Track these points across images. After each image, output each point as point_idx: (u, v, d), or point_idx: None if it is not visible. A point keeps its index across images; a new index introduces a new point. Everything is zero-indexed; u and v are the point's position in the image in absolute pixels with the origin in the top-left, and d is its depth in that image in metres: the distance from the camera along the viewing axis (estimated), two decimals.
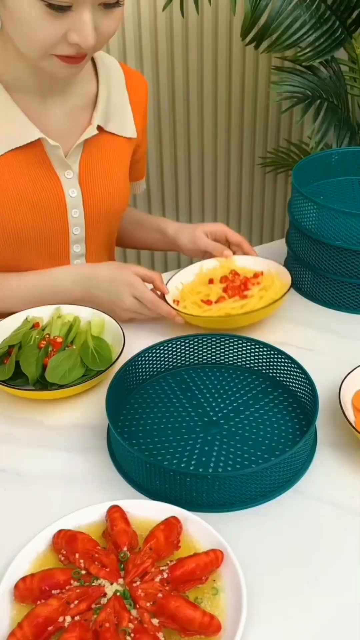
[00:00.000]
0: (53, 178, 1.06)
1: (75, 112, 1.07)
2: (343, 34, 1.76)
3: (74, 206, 1.09)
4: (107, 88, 1.10)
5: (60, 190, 1.07)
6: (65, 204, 1.08)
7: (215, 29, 2.05)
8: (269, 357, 0.96)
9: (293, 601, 0.70)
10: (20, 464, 0.86)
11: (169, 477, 0.78)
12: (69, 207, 1.08)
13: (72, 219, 1.10)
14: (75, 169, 1.07)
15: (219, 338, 0.98)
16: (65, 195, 1.07)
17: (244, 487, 0.78)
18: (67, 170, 1.06)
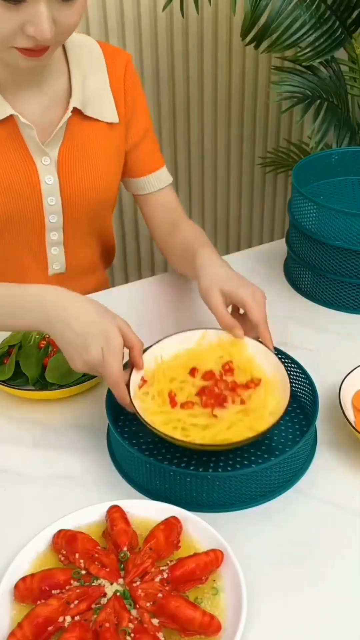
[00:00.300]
0: (28, 163, 1.05)
1: (51, 104, 1.06)
2: (343, 34, 1.76)
3: (50, 193, 1.08)
4: (82, 71, 1.07)
5: (35, 176, 1.06)
6: (40, 190, 1.07)
7: (215, 29, 2.05)
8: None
9: (293, 601, 0.70)
10: (20, 464, 0.86)
11: (169, 477, 0.78)
12: (45, 194, 1.07)
13: (48, 207, 1.09)
14: (53, 156, 1.06)
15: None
16: (40, 181, 1.06)
17: (244, 487, 0.78)
18: (44, 157, 1.05)
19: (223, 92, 2.18)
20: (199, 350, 0.92)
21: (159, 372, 0.87)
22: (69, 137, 1.07)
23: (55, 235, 1.13)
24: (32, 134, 1.02)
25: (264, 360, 0.89)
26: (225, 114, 2.23)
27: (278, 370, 0.87)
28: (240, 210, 2.47)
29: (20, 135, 1.03)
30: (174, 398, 0.84)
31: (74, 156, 1.08)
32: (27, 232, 1.10)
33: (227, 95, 2.19)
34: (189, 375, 0.87)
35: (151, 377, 0.87)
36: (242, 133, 2.30)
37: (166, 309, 1.16)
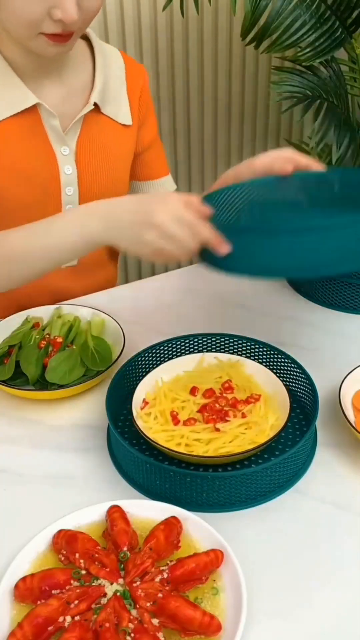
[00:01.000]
0: (49, 153, 1.07)
1: (71, 95, 1.09)
2: (343, 34, 1.76)
3: (68, 183, 1.10)
4: (105, 74, 1.12)
5: (55, 165, 1.08)
6: (59, 180, 1.09)
7: (215, 29, 2.05)
8: (269, 357, 0.96)
9: (293, 601, 0.70)
10: (20, 464, 0.86)
11: (169, 477, 0.78)
12: (63, 184, 1.09)
13: (66, 197, 1.11)
14: (72, 146, 1.09)
15: (219, 338, 0.98)
16: (60, 171, 1.08)
17: (244, 487, 0.78)
18: (63, 147, 1.08)
19: (223, 92, 2.18)
20: (198, 372, 0.95)
21: (160, 393, 0.89)
22: (85, 130, 1.10)
23: None
24: (54, 123, 1.05)
25: (263, 379, 0.91)
26: (225, 114, 2.23)
27: (277, 387, 0.89)
28: None
29: (42, 124, 1.05)
30: (176, 416, 0.86)
31: (91, 148, 1.11)
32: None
33: (227, 95, 2.19)
34: (189, 394, 0.90)
35: (152, 399, 0.89)
36: (242, 133, 2.30)
37: (166, 309, 1.16)
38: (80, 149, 1.10)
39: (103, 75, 1.11)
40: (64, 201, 1.11)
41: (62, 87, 1.08)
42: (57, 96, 1.08)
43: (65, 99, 1.09)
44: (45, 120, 1.05)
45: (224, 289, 1.19)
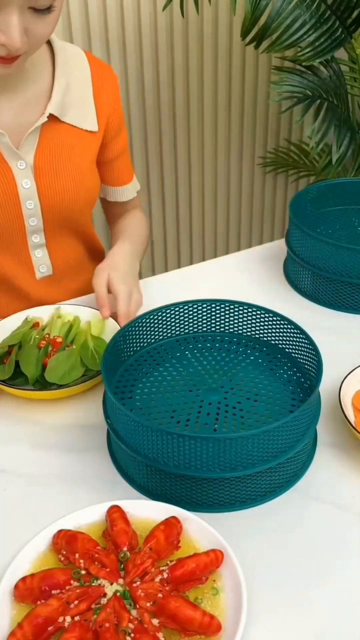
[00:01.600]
0: (4, 168, 1.05)
1: (28, 105, 1.06)
2: (343, 34, 1.76)
3: (28, 197, 1.08)
4: (66, 79, 1.08)
5: (12, 180, 1.06)
6: (18, 195, 1.07)
7: (215, 29, 2.05)
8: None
9: (293, 601, 0.70)
10: (20, 464, 0.86)
11: (168, 477, 0.78)
12: (23, 198, 1.07)
13: (27, 210, 1.09)
14: (28, 160, 1.06)
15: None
16: (17, 185, 1.06)
17: (244, 487, 0.78)
18: (19, 161, 1.05)
19: (223, 92, 2.18)
20: None
21: None
22: (44, 141, 1.07)
23: (37, 238, 1.13)
24: (3, 140, 1.02)
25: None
26: (225, 114, 2.23)
27: None
28: (240, 210, 2.48)
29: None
30: None
31: (50, 159, 1.08)
32: (9, 237, 1.10)
33: (227, 95, 2.19)
34: None
35: None
36: (242, 133, 2.30)
37: None
38: (39, 161, 1.07)
39: (64, 81, 1.07)
40: (25, 214, 1.09)
41: (18, 98, 1.05)
42: (11, 109, 1.04)
43: (21, 111, 1.05)
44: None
45: (223, 289, 1.19)
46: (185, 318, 0.98)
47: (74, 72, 1.10)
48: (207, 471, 0.75)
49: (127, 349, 0.94)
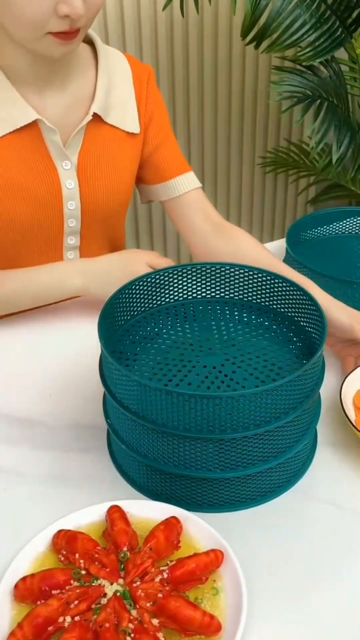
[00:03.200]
0: (50, 168, 1.06)
1: (73, 104, 1.07)
2: (343, 34, 1.76)
3: (70, 198, 1.08)
4: (108, 80, 1.09)
5: (57, 180, 1.06)
6: (62, 195, 1.08)
7: (215, 29, 2.05)
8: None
9: (293, 601, 0.70)
10: (20, 464, 0.86)
11: (168, 477, 0.78)
12: (65, 199, 1.08)
13: (68, 211, 1.10)
14: (73, 160, 1.07)
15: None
16: (61, 186, 1.07)
17: (244, 488, 0.78)
18: (65, 161, 1.06)
19: (223, 92, 2.18)
20: None
21: None
22: (87, 142, 1.08)
23: (72, 240, 1.14)
24: (55, 139, 1.04)
25: None
26: (226, 114, 2.23)
27: None
28: (240, 210, 2.48)
29: (42, 139, 1.04)
30: None
31: (93, 161, 1.09)
32: (47, 237, 1.11)
33: (227, 95, 2.19)
34: None
35: None
36: (242, 133, 2.30)
37: None
38: (83, 161, 1.08)
39: (107, 82, 1.09)
40: (65, 215, 1.10)
41: (65, 97, 1.06)
42: (59, 107, 1.06)
43: (68, 109, 1.07)
44: (45, 135, 1.04)
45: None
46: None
47: (116, 73, 1.11)
48: (207, 471, 0.75)
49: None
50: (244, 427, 0.72)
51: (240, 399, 0.70)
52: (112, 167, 1.11)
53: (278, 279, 0.89)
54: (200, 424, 0.71)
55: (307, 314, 0.87)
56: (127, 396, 0.75)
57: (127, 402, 0.75)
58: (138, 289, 0.89)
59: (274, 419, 0.73)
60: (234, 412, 0.71)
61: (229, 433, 0.72)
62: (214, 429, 0.72)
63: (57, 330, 1.10)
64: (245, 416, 0.71)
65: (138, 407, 0.74)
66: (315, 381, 0.78)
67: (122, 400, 0.76)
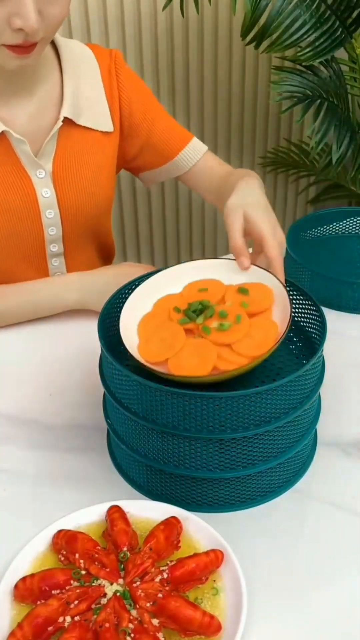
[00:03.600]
0: (24, 178, 1.03)
1: (42, 111, 1.04)
2: (343, 34, 1.76)
3: (48, 206, 1.06)
4: (76, 80, 1.05)
5: (32, 190, 1.04)
6: (38, 205, 1.05)
7: (215, 29, 2.05)
8: None
9: (293, 601, 0.70)
10: (20, 464, 0.86)
11: (168, 477, 0.78)
12: (43, 208, 1.06)
13: (47, 219, 1.07)
14: (47, 168, 1.04)
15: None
16: (37, 195, 1.05)
17: (244, 488, 0.78)
18: (38, 170, 1.03)
19: (223, 92, 2.18)
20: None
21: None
22: (61, 147, 1.05)
23: (55, 247, 1.12)
24: (25, 149, 1.01)
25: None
26: (226, 114, 2.23)
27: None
28: None
29: (13, 149, 1.01)
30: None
31: (68, 166, 1.06)
32: (28, 247, 1.09)
33: (227, 95, 2.19)
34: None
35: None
36: (242, 133, 2.30)
37: None
38: (58, 168, 1.05)
39: (74, 83, 1.05)
40: (45, 224, 1.07)
41: (32, 104, 1.03)
42: (26, 115, 1.03)
43: (37, 116, 1.03)
44: (15, 145, 1.00)
45: None
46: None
47: (83, 70, 1.07)
48: (207, 471, 0.75)
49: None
50: (244, 427, 0.72)
51: (240, 399, 0.70)
52: (88, 170, 1.08)
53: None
54: (200, 424, 0.71)
55: (307, 314, 0.87)
56: (127, 396, 0.75)
57: (127, 402, 0.75)
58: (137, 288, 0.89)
59: (274, 419, 0.73)
60: (234, 412, 0.70)
61: (229, 433, 0.72)
62: (214, 429, 0.71)
63: (57, 330, 1.10)
64: (245, 416, 0.71)
65: (138, 407, 0.74)
66: (315, 381, 0.78)
67: (122, 400, 0.76)
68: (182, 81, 2.11)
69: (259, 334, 0.79)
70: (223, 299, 0.86)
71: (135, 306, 0.84)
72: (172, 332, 0.81)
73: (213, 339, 0.80)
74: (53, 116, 1.05)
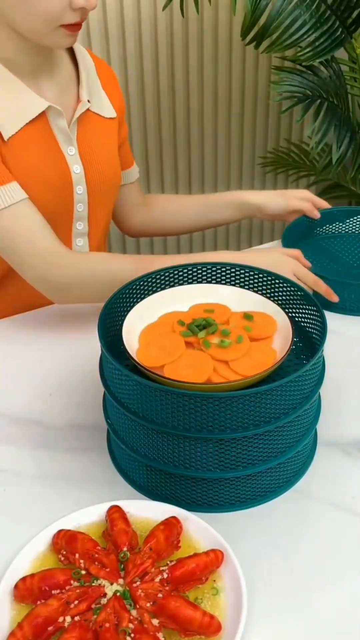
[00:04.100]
0: (59, 155, 1.08)
1: (64, 90, 1.10)
2: (343, 34, 1.76)
3: (78, 182, 1.11)
4: (85, 70, 1.12)
5: (66, 166, 1.09)
6: (72, 180, 1.10)
7: (215, 29, 2.05)
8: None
9: (293, 601, 0.70)
10: (20, 464, 0.86)
11: (168, 477, 0.78)
12: (75, 184, 1.10)
13: (77, 196, 1.12)
14: (75, 145, 1.10)
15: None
16: (70, 171, 1.09)
17: (244, 488, 0.78)
18: (69, 147, 1.09)
19: (223, 92, 2.18)
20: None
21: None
22: (81, 127, 1.11)
23: (80, 226, 1.16)
24: (61, 124, 1.06)
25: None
26: (226, 114, 2.23)
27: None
28: None
29: (50, 127, 1.06)
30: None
31: (90, 145, 1.12)
32: (59, 224, 1.12)
33: (227, 95, 2.19)
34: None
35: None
36: (242, 133, 2.30)
37: None
38: (82, 146, 1.11)
39: (85, 72, 1.12)
40: (75, 200, 1.12)
41: (54, 82, 1.08)
42: (54, 92, 1.08)
43: (61, 94, 1.09)
44: (52, 122, 1.06)
45: None
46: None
47: (86, 64, 1.14)
48: (207, 471, 0.75)
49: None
50: (244, 427, 0.72)
51: (240, 399, 0.70)
52: (104, 152, 1.14)
53: (278, 279, 0.89)
54: (200, 424, 0.71)
55: (307, 314, 0.87)
56: (127, 396, 0.75)
57: (127, 402, 0.75)
58: (137, 288, 0.90)
59: (274, 419, 0.73)
60: (234, 412, 0.70)
61: (229, 433, 0.72)
62: (214, 429, 0.71)
63: (58, 330, 1.10)
64: (245, 416, 0.71)
65: (138, 407, 0.74)
66: (316, 381, 0.78)
67: (122, 400, 0.76)
68: (182, 81, 2.11)
69: (258, 356, 0.80)
70: (227, 321, 0.86)
71: (141, 314, 0.85)
72: (173, 341, 0.81)
73: (212, 353, 0.80)
74: (73, 98, 1.11)
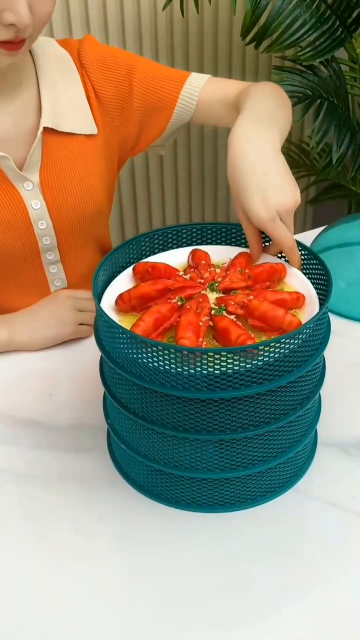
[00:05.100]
0: (11, 192, 1.01)
1: (24, 119, 1.02)
2: (343, 34, 1.76)
3: (39, 218, 1.04)
4: (53, 87, 1.03)
5: (21, 203, 1.02)
6: (29, 217, 1.03)
7: (215, 29, 2.05)
8: None
9: (293, 601, 0.70)
10: (20, 464, 0.86)
11: (168, 478, 0.78)
12: (34, 220, 1.04)
13: (40, 230, 1.05)
14: (34, 180, 1.02)
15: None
16: (27, 208, 1.03)
17: (244, 488, 0.77)
18: (25, 182, 1.01)
19: None
20: None
21: None
22: (46, 156, 1.03)
23: (51, 255, 1.10)
24: (8, 164, 0.99)
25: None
26: None
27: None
28: None
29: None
30: None
31: (56, 175, 1.04)
32: (24, 258, 1.08)
33: None
34: None
35: None
36: None
37: None
38: (45, 178, 1.03)
39: (50, 91, 1.02)
40: (38, 235, 1.05)
41: (12, 111, 1.01)
42: (8, 121, 1.01)
43: (18, 124, 1.01)
44: (0, 162, 0.99)
45: None
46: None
47: (59, 76, 1.04)
48: (207, 471, 0.75)
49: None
50: (243, 427, 0.72)
51: (240, 399, 0.70)
52: (78, 175, 1.06)
53: None
54: (200, 424, 0.71)
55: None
56: (127, 396, 0.75)
57: (127, 402, 0.76)
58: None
59: (274, 420, 0.73)
60: (234, 412, 0.71)
61: (229, 433, 0.72)
62: (214, 429, 0.72)
63: None
64: (245, 417, 0.71)
65: (138, 407, 0.74)
66: (316, 382, 0.79)
67: (122, 400, 0.76)
68: None
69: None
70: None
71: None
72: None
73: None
74: (34, 124, 1.03)
